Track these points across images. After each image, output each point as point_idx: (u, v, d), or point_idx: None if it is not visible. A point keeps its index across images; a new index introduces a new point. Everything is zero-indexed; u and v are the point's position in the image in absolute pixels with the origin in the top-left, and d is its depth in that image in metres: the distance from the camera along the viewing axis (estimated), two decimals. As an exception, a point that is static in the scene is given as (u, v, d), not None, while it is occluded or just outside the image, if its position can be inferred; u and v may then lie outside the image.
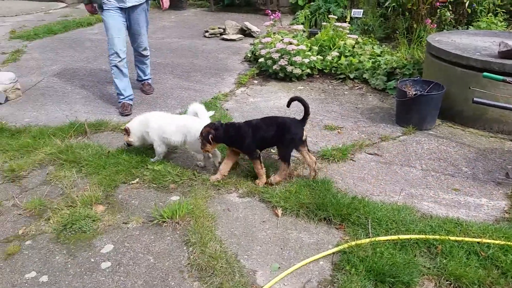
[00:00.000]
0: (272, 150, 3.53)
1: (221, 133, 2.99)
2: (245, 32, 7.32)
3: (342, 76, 5.11)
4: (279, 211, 2.78)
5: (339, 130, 3.90)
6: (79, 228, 2.65)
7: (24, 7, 10.42)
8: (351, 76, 5.05)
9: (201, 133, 2.99)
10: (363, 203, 2.72)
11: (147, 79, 4.94)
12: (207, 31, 7.48)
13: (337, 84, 5.03)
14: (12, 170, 3.32)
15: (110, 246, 2.53)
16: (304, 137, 3.02)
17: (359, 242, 2.42)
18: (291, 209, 2.77)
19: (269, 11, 6.59)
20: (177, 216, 2.69)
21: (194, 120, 3.23)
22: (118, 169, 3.24)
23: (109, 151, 3.51)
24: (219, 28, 7.46)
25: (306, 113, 3.01)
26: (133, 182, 3.15)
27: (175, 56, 6.25)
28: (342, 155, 3.41)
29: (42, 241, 2.59)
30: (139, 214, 2.80)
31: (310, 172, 3.11)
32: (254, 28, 7.27)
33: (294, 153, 3.12)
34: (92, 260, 2.43)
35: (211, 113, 3.47)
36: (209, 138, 2.94)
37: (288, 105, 3.11)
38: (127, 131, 3.38)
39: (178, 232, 2.63)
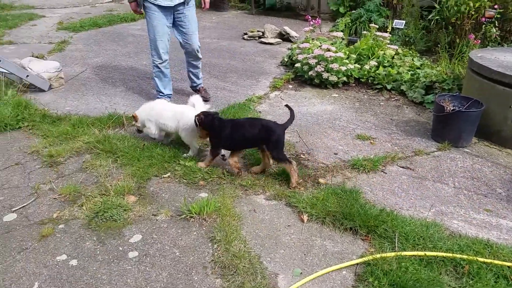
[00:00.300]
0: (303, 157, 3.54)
1: (207, 120, 3.18)
2: (284, 37, 7.35)
3: (379, 86, 5.05)
4: (305, 217, 2.78)
5: (371, 141, 3.86)
6: (110, 216, 2.74)
7: (72, 0, 10.83)
8: (388, 87, 4.98)
9: (195, 116, 3.22)
10: (391, 216, 2.69)
11: (201, 84, 4.77)
12: (246, 34, 7.55)
13: (373, 94, 4.98)
14: (51, 155, 3.46)
15: (138, 236, 2.61)
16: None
17: (384, 255, 2.40)
18: (317, 215, 2.77)
19: (309, 17, 6.58)
20: (205, 212, 2.74)
21: (189, 109, 3.43)
22: (151, 162, 3.33)
23: (144, 144, 3.61)
24: (258, 31, 7.52)
25: (290, 119, 3.24)
26: (164, 176, 3.23)
27: (213, 57, 6.34)
28: (373, 166, 3.38)
29: (74, 226, 2.70)
30: (168, 208, 2.87)
31: (257, 168, 3.29)
32: (293, 33, 7.28)
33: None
34: (120, 248, 2.51)
35: (208, 106, 3.62)
36: (196, 120, 3.17)
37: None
38: (135, 118, 3.64)
39: (204, 228, 2.68)
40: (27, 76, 4.62)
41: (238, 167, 3.24)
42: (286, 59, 6.04)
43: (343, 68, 4.99)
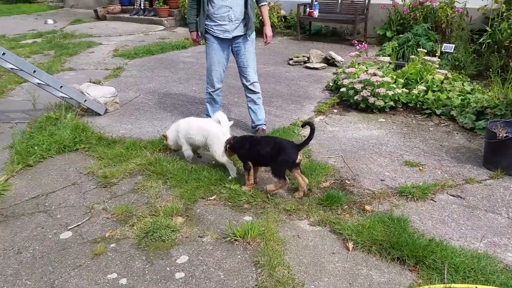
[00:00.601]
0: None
1: (234, 144, 3.44)
2: (329, 61, 7.39)
3: (427, 111, 4.95)
4: (350, 245, 2.75)
5: (420, 167, 3.77)
6: (159, 236, 2.84)
7: (127, 28, 11.48)
8: (438, 112, 4.87)
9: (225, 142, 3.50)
10: (440, 246, 2.60)
11: (260, 124, 4.54)
12: (291, 59, 7.67)
13: (422, 119, 4.88)
14: (105, 176, 3.65)
15: (185, 257, 2.68)
16: (298, 161, 3.20)
17: (432, 286, 2.32)
18: (363, 244, 2.73)
19: (355, 41, 6.60)
20: (249, 236, 2.78)
21: (214, 125, 3.67)
22: (198, 184, 3.44)
23: (192, 167, 3.74)
24: (303, 56, 7.62)
25: (309, 138, 3.21)
26: (210, 198, 3.32)
27: (259, 81, 6.45)
28: (422, 193, 3.30)
29: (125, 245, 2.81)
30: (213, 230, 2.93)
31: (299, 192, 3.29)
32: (338, 58, 7.31)
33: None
34: (168, 269, 2.59)
35: (231, 122, 3.75)
36: (226, 147, 3.46)
37: (303, 126, 3.61)
38: (165, 137, 3.93)
39: (248, 252, 2.71)
40: (85, 100, 4.93)
41: (250, 184, 3.39)
42: (331, 84, 6.06)
43: (390, 93, 4.94)
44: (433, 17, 7.84)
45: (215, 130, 3.63)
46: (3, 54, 4.30)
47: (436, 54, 6.08)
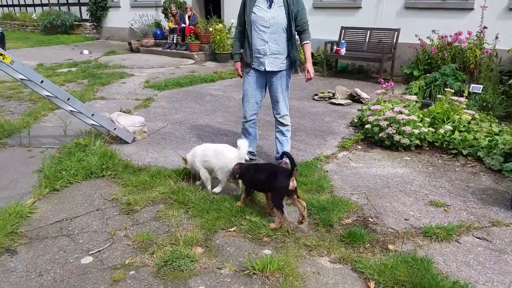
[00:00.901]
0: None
1: (241, 168, 3.61)
2: (354, 98, 7.42)
3: (454, 151, 4.87)
4: (372, 284, 2.68)
5: (445, 208, 3.69)
6: (178, 266, 2.84)
7: (159, 61, 11.90)
8: (464, 152, 4.78)
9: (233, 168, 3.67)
10: (465, 290, 2.52)
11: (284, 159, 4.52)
12: (316, 94, 7.75)
13: (448, 159, 4.80)
14: (129, 203, 3.71)
15: (202, 289, 2.67)
16: (291, 187, 3.27)
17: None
18: (385, 284, 2.66)
19: (382, 79, 6.63)
20: (268, 270, 2.75)
21: (230, 150, 3.84)
22: (219, 215, 3.45)
23: (213, 197, 3.76)
24: (328, 92, 7.69)
25: (293, 165, 3.29)
26: (230, 229, 3.31)
27: (284, 115, 6.53)
28: (447, 235, 3.20)
29: (144, 273, 2.82)
30: (232, 262, 2.92)
31: (299, 217, 3.32)
32: (363, 95, 7.34)
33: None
34: (185, 299, 2.58)
35: (247, 157, 3.92)
36: (234, 172, 3.64)
37: (281, 158, 3.73)
38: (185, 160, 4.09)
39: (267, 287, 2.67)
40: (115, 129, 5.09)
41: (242, 203, 3.61)
42: (355, 120, 6.06)
43: (416, 131, 4.90)
44: (461, 58, 7.83)
45: (231, 155, 3.76)
46: (42, 82, 4.52)
47: (464, 95, 6.03)
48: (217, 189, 3.86)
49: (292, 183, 3.28)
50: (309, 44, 4.26)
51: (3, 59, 4.28)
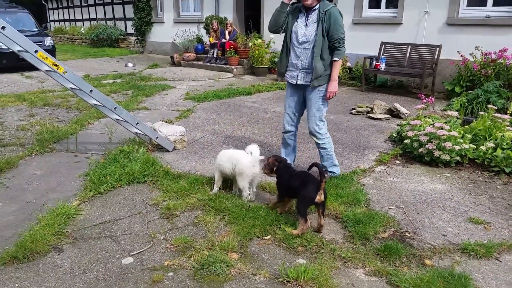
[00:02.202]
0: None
1: (278, 167, 3.76)
2: (393, 113, 7.34)
3: (496, 169, 4.73)
4: (407, 298, 2.65)
5: (486, 225, 3.59)
6: (214, 270, 2.91)
7: (199, 74, 12.22)
8: (507, 170, 4.63)
9: (268, 158, 3.80)
10: (505, 309, 2.44)
11: (326, 171, 4.54)
12: (354, 109, 7.72)
13: (489, 177, 4.66)
14: (169, 208, 3.84)
15: (237, 293, 2.72)
16: (317, 200, 3.32)
17: None
18: (420, 298, 2.63)
19: (422, 95, 6.54)
20: (302, 279, 2.77)
21: (244, 156, 3.92)
22: (254, 223, 3.50)
23: (249, 206, 3.83)
24: (366, 106, 7.64)
25: (322, 176, 3.38)
26: (265, 237, 3.36)
27: (321, 129, 6.55)
28: (487, 252, 3.12)
29: (181, 275, 2.91)
30: (267, 269, 2.96)
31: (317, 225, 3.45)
32: (403, 110, 7.25)
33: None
34: (220, 302, 2.64)
35: (262, 157, 3.94)
36: (269, 165, 3.77)
37: (309, 169, 3.59)
38: None
39: (300, 294, 2.70)
40: (157, 137, 5.28)
41: (272, 207, 3.75)
42: (394, 135, 6.00)
43: (457, 148, 4.80)
44: (505, 75, 7.63)
45: (244, 161, 3.87)
46: (91, 91, 4.78)
47: (508, 112, 5.86)
48: (235, 191, 4.11)
49: (319, 197, 3.33)
50: (337, 62, 4.18)
51: (57, 69, 4.56)
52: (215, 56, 13.38)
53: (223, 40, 13.06)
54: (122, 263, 3.07)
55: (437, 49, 9.06)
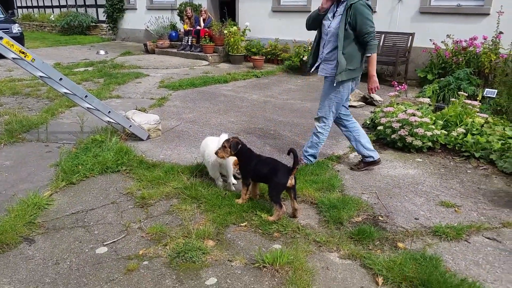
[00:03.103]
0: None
1: (241, 148, 3.63)
2: (367, 100, 7.44)
3: (466, 154, 4.86)
4: (380, 280, 2.71)
5: (456, 209, 3.69)
6: (190, 257, 2.91)
7: (174, 62, 12.04)
8: (477, 155, 4.78)
9: (228, 139, 3.66)
10: (473, 287, 2.53)
11: (303, 156, 4.59)
12: (330, 96, 7.76)
13: (460, 162, 4.79)
14: (143, 197, 3.79)
15: (213, 280, 2.72)
16: (288, 184, 3.36)
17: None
18: (393, 280, 2.69)
19: (395, 83, 6.64)
20: (277, 263, 2.80)
21: (213, 142, 3.92)
22: (230, 210, 3.51)
23: (225, 193, 3.82)
24: (342, 94, 7.70)
25: (295, 163, 3.38)
26: (241, 224, 3.37)
27: (296, 116, 6.60)
28: (457, 234, 3.22)
29: (157, 264, 2.89)
30: (243, 255, 2.97)
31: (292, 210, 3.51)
32: (377, 97, 7.35)
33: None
34: (196, 289, 2.64)
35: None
36: (230, 144, 3.60)
37: (288, 154, 3.51)
38: None
39: (276, 279, 2.72)
40: (130, 126, 5.19)
41: (245, 198, 3.64)
42: (368, 122, 6.08)
43: (429, 133, 4.90)
44: (476, 62, 7.80)
45: (211, 148, 3.88)
46: (60, 79, 4.64)
47: (478, 99, 6.01)
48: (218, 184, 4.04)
49: (290, 181, 3.37)
50: (370, 57, 4.17)
51: (25, 57, 4.41)
52: (189, 43, 13.20)
53: (198, 28, 12.89)
54: (96, 252, 3.03)
55: (410, 37, 9.19)
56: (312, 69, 4.43)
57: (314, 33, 4.34)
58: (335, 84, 4.19)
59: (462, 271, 2.81)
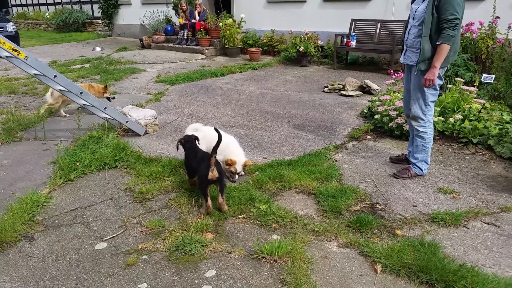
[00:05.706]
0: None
1: (186, 144, 3.79)
2: (364, 89, 7.42)
3: (464, 140, 4.86)
4: (379, 267, 2.72)
5: (454, 195, 3.70)
6: (189, 250, 2.92)
7: (170, 56, 11.99)
8: (474, 141, 4.77)
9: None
10: (472, 272, 2.54)
11: (410, 164, 4.15)
12: (326, 87, 7.75)
13: (458, 148, 4.79)
14: (141, 192, 3.80)
15: (213, 272, 2.73)
16: (210, 177, 3.27)
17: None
18: (392, 267, 2.70)
19: (392, 71, 6.62)
20: (276, 254, 2.81)
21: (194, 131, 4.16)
22: (228, 203, 3.51)
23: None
24: (338, 84, 7.69)
25: (211, 153, 3.33)
26: (240, 216, 3.38)
27: (293, 108, 6.58)
28: (455, 220, 3.22)
29: (156, 257, 2.90)
30: (242, 247, 2.98)
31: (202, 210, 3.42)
32: (374, 86, 7.33)
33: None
34: (196, 281, 2.65)
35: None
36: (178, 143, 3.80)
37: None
38: None
39: (275, 269, 2.73)
40: (127, 122, 5.18)
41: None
42: (365, 111, 6.07)
43: (425, 121, 4.89)
44: (473, 48, 7.75)
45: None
46: (55, 76, 4.63)
47: (475, 84, 5.99)
48: None
49: (212, 173, 3.29)
50: (439, 47, 3.57)
51: (18, 54, 4.39)
52: (185, 37, 13.14)
53: (193, 21, 12.82)
54: (95, 248, 3.03)
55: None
56: (401, 58, 4.07)
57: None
58: (415, 73, 3.81)
59: (460, 257, 2.82)
